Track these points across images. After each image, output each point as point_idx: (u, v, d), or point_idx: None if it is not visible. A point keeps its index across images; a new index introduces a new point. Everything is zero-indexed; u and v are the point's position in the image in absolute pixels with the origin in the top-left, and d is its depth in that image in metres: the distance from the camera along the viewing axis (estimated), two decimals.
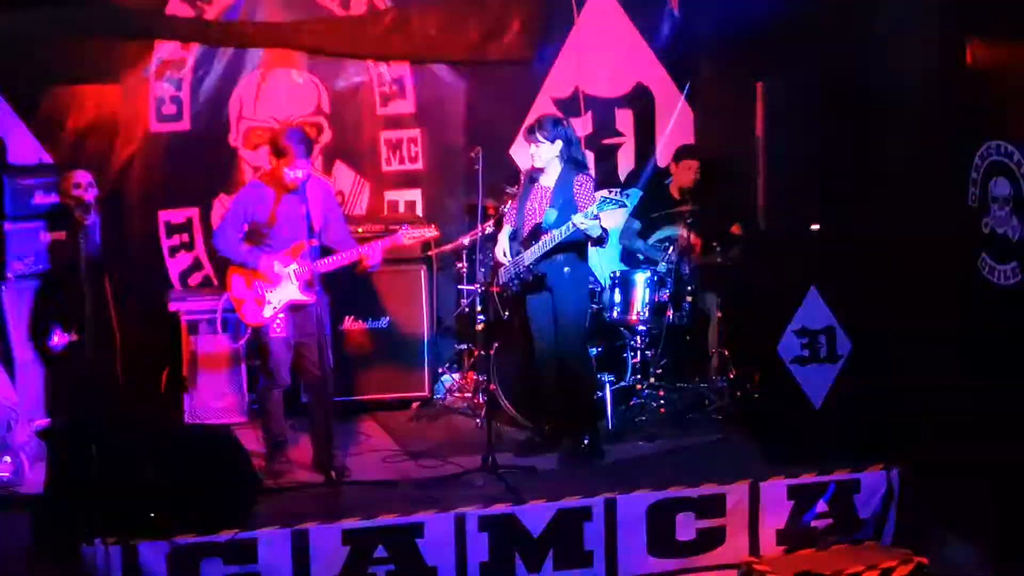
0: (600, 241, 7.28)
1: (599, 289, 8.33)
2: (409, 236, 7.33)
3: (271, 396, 7.41)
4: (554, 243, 7.20)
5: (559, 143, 7.34)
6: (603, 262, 8.82)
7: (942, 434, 6.93)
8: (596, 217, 6.97)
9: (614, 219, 8.37)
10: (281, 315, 7.22)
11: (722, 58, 9.38)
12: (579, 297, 7.53)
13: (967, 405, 6.75)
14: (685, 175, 8.87)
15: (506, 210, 7.94)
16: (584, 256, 7.51)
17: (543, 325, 7.52)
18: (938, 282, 7.05)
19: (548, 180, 7.44)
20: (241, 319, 7.39)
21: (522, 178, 7.76)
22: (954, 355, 6.91)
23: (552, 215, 7.26)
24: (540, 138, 7.34)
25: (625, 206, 7.32)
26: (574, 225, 7.00)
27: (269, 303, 7.20)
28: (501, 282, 7.60)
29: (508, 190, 8.37)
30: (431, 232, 7.55)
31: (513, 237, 7.54)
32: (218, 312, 7.47)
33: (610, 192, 7.04)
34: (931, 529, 6.94)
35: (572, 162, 7.42)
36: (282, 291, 7.19)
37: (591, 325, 7.90)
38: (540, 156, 7.38)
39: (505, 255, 7.54)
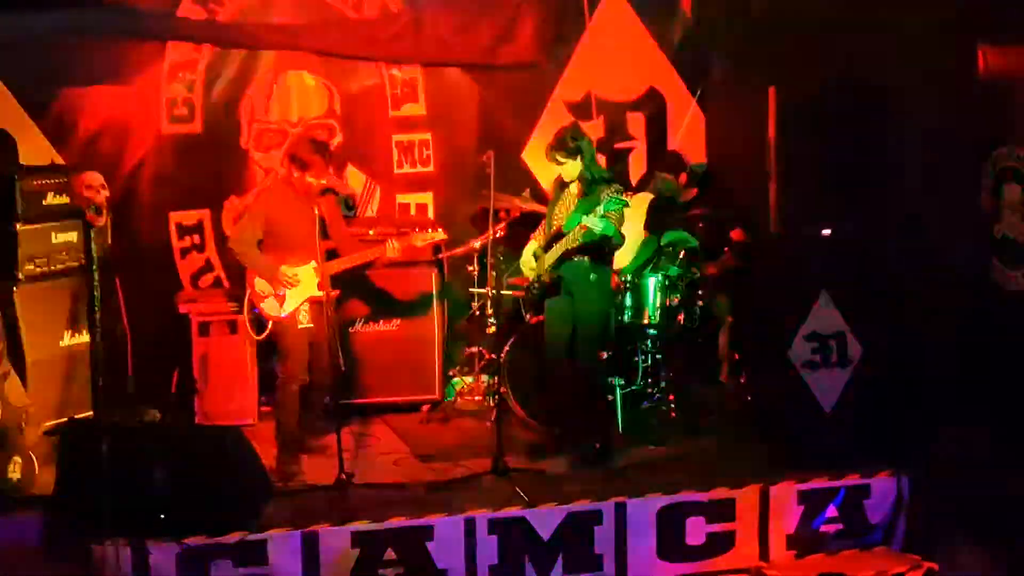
0: (617, 245, 7.29)
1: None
2: (421, 239, 7.52)
3: (288, 390, 7.48)
4: (566, 246, 7.23)
5: (581, 157, 7.35)
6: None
7: (953, 439, 6.91)
8: (604, 216, 6.98)
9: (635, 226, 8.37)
10: (304, 308, 7.38)
11: (734, 62, 9.37)
12: (602, 302, 7.50)
13: (978, 410, 6.74)
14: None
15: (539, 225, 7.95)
16: (610, 262, 7.51)
17: (561, 328, 7.50)
18: (949, 287, 7.04)
19: (576, 188, 7.44)
20: (261, 314, 7.46)
21: (554, 184, 7.75)
22: (965, 360, 6.90)
23: (574, 220, 7.26)
24: (560, 159, 7.30)
25: (627, 204, 7.20)
26: (582, 227, 7.02)
27: (289, 299, 7.36)
28: (527, 284, 7.64)
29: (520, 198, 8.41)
30: (440, 235, 7.68)
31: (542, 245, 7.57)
32: (245, 305, 7.53)
33: (615, 191, 7.03)
34: (941, 534, 6.92)
35: (597, 172, 7.41)
36: (301, 289, 7.36)
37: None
38: (567, 172, 7.36)
39: (528, 264, 7.59)
